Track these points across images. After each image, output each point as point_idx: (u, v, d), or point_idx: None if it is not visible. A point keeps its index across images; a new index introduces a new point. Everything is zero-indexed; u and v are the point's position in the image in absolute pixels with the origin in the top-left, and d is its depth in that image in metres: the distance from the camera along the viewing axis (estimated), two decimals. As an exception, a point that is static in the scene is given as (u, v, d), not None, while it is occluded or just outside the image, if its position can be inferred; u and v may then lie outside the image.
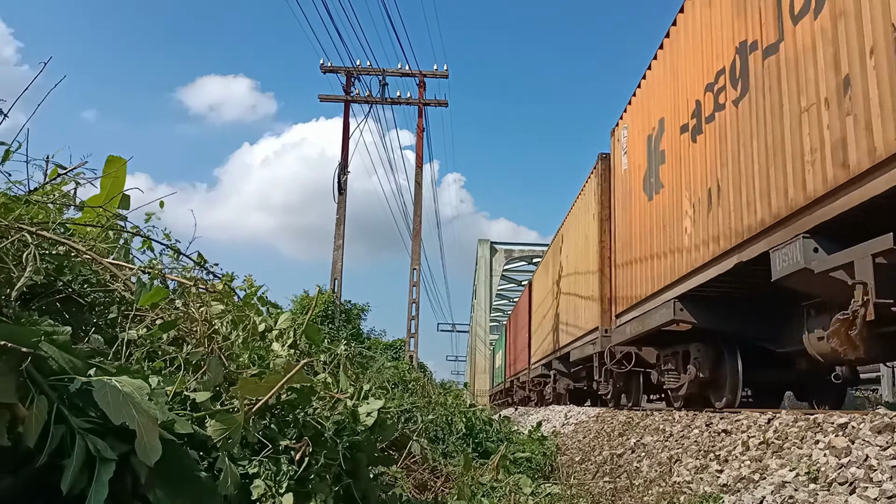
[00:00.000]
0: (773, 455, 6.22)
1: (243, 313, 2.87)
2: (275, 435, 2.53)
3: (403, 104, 27.47)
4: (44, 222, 2.56)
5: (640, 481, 7.74)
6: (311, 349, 3.26)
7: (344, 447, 2.69)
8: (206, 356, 2.48)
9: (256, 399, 2.44)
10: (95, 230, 2.95)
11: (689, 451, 7.89)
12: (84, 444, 1.96)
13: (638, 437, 9.98)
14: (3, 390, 1.86)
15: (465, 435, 8.26)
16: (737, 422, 7.70)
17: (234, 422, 2.32)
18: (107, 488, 1.89)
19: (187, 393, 2.34)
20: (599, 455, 10.32)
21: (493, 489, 6.15)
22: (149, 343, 2.45)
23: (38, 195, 2.77)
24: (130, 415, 1.96)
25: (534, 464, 8.55)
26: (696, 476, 6.85)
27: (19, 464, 1.97)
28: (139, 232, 2.87)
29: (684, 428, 8.93)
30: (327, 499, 2.53)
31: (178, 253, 2.92)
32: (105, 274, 2.61)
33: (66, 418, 2.00)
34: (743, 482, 6.04)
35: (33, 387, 1.98)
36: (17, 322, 2.06)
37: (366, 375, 3.58)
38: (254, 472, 2.42)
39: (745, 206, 7.94)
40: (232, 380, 2.57)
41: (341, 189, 25.29)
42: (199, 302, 2.66)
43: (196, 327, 2.55)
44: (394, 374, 7.82)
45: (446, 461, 6.75)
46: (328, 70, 26.59)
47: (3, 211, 2.31)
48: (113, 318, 2.54)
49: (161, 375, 2.35)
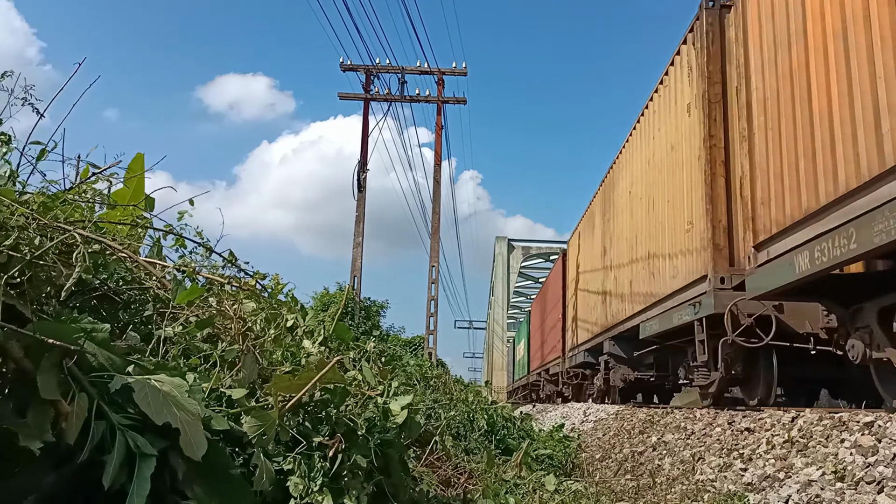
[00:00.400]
0: (799, 454, 6.18)
1: (276, 310, 2.90)
2: (308, 432, 2.55)
3: (422, 102, 27.48)
4: (80, 221, 2.59)
5: (663, 479, 7.73)
6: (341, 346, 3.28)
7: (375, 444, 2.71)
8: (240, 353, 2.51)
9: (290, 396, 2.46)
10: (126, 228, 2.98)
11: (711, 450, 7.86)
12: (124, 440, 1.99)
13: (659, 435, 9.95)
14: (47, 387, 1.89)
15: (486, 432, 8.29)
16: (760, 420, 7.66)
17: (269, 418, 2.34)
18: (149, 483, 1.92)
19: (223, 390, 2.36)
20: (620, 453, 10.31)
21: (516, 486, 6.16)
22: (184, 340, 2.47)
23: (72, 194, 2.80)
24: (172, 413, 1.98)
25: (555, 461, 8.56)
26: (720, 474, 6.83)
27: (62, 460, 2.00)
28: (172, 230, 2.90)
29: (706, 426, 8.89)
30: (360, 495, 2.55)
31: (210, 251, 2.95)
32: (139, 272, 2.64)
33: (107, 414, 2.02)
34: (768, 481, 6.01)
35: (74, 383, 2.01)
36: (58, 320, 2.09)
37: (393, 373, 3.60)
38: (288, 468, 2.44)
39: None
40: (265, 377, 2.60)
41: (360, 187, 25.33)
42: (232, 299, 2.69)
43: (230, 325, 2.58)
44: (416, 371, 7.84)
45: (468, 458, 6.77)
46: (348, 68, 26.64)
47: (41, 210, 2.33)
48: (148, 316, 2.57)
49: (197, 372, 2.38)
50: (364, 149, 26.08)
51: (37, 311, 2.12)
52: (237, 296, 2.78)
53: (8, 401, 1.93)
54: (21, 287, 2.14)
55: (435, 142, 27.18)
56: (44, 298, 2.23)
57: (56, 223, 2.30)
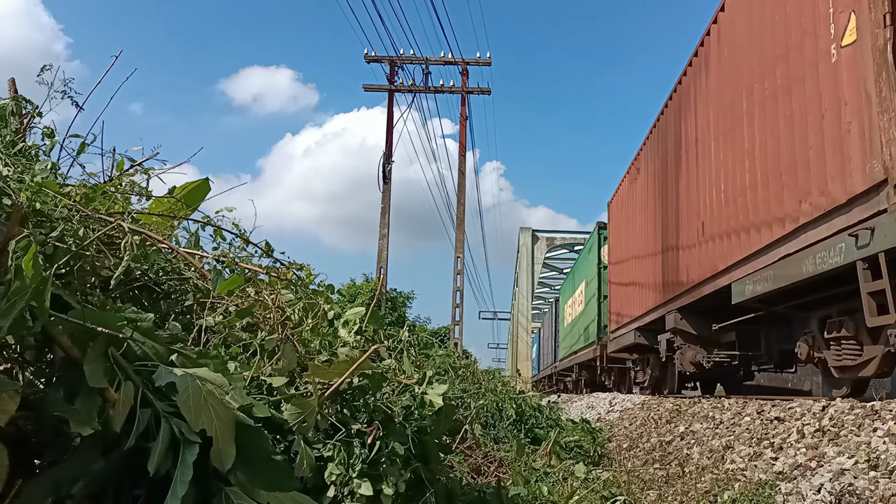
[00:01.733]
0: (830, 443, 6.12)
1: (313, 300, 2.93)
2: (346, 419, 2.58)
3: (446, 92, 27.42)
4: (119, 213, 2.63)
5: (692, 468, 7.70)
6: (376, 335, 3.31)
7: (412, 431, 2.73)
8: (280, 342, 2.54)
9: (328, 384, 2.49)
10: (165, 220, 3.02)
11: (741, 439, 7.80)
12: (169, 427, 2.02)
13: (687, 424, 9.91)
14: (94, 375, 1.93)
15: (515, 421, 8.30)
16: (790, 409, 7.60)
17: (308, 406, 2.37)
18: (192, 470, 1.95)
19: (263, 378, 2.39)
20: (647, 442, 10.28)
21: (546, 474, 6.17)
22: (224, 329, 2.50)
23: (111, 185, 2.84)
24: (209, 419, 2.01)
25: (583, 450, 8.55)
26: (750, 463, 6.79)
27: (109, 447, 2.04)
28: (210, 221, 2.93)
29: (735, 415, 8.83)
30: (398, 482, 2.58)
31: (247, 242, 2.98)
32: (179, 262, 2.68)
33: (152, 402, 2.06)
34: (799, 469, 5.97)
35: (119, 372, 2.05)
36: (103, 309, 2.13)
37: (427, 362, 3.62)
38: (328, 455, 2.47)
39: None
40: (304, 365, 2.62)
41: (386, 178, 25.37)
42: (270, 289, 2.72)
43: (269, 314, 2.61)
44: (445, 361, 7.87)
45: (498, 446, 6.80)
46: (372, 60, 26.63)
47: (83, 201, 2.37)
48: (188, 306, 2.60)
49: (237, 361, 2.41)
50: (389, 140, 26.10)
51: (81, 300, 2.15)
52: (275, 285, 2.81)
53: (58, 388, 1.97)
54: (67, 277, 2.18)
55: (459, 132, 27.14)
56: (88, 288, 2.27)
57: (98, 214, 2.34)
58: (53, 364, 2.10)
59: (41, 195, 2.19)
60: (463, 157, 26.94)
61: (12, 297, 1.71)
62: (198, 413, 2.02)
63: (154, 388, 2.10)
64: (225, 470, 2.05)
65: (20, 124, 2.70)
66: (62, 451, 2.04)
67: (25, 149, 2.55)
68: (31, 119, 2.74)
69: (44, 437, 2.08)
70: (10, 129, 2.59)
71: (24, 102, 2.71)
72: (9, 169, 2.28)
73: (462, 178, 26.57)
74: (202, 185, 3.22)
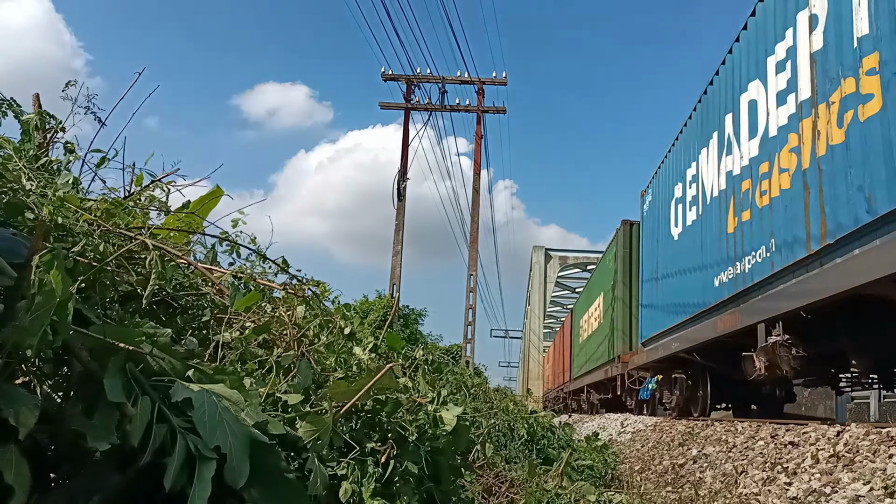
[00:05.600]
0: (845, 468, 6.07)
1: (329, 317, 2.94)
2: (361, 437, 2.58)
3: (462, 111, 27.53)
4: (137, 228, 2.65)
5: (705, 492, 7.64)
6: (389, 353, 3.31)
7: (426, 451, 2.72)
8: (296, 359, 2.54)
9: (343, 402, 2.49)
10: (182, 235, 3.04)
11: (754, 463, 7.74)
12: (185, 443, 2.02)
13: (699, 447, 9.84)
14: (113, 389, 1.94)
15: (526, 441, 8.27)
16: (804, 434, 7.53)
17: (323, 423, 2.37)
18: (210, 486, 1.94)
19: (279, 394, 2.40)
20: (660, 464, 10.21)
21: (557, 496, 6.13)
22: (241, 346, 2.51)
23: (131, 201, 2.86)
24: (224, 435, 2.01)
25: (595, 471, 8.50)
26: (764, 488, 6.73)
27: (125, 462, 2.04)
28: (227, 237, 2.95)
29: (748, 439, 8.77)
30: (411, 501, 2.57)
31: (264, 258, 2.99)
32: (196, 278, 2.69)
33: (168, 418, 2.06)
34: (814, 495, 5.91)
35: (137, 387, 2.06)
36: (122, 324, 2.14)
37: (440, 380, 3.61)
38: (342, 473, 2.46)
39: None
40: (318, 382, 2.63)
41: (400, 195, 25.43)
42: (286, 306, 2.73)
43: (285, 330, 2.62)
44: (456, 379, 7.85)
45: (509, 466, 6.76)
46: (389, 78, 26.80)
47: (104, 216, 2.39)
48: (206, 321, 2.62)
49: (253, 377, 2.42)
50: (404, 158, 26.19)
51: (100, 315, 2.17)
52: (290, 302, 2.82)
53: (76, 403, 1.98)
54: (87, 291, 2.19)
55: (475, 151, 27.19)
56: (107, 303, 2.28)
57: (119, 230, 2.36)
58: (70, 377, 2.11)
59: (63, 210, 2.21)
60: (478, 176, 27.01)
61: (36, 310, 1.72)
62: (213, 430, 2.02)
63: (169, 404, 2.10)
64: (238, 487, 2.04)
65: (43, 139, 2.73)
66: (78, 465, 2.04)
67: (48, 163, 2.58)
68: (55, 134, 2.77)
69: (59, 451, 2.09)
70: (34, 144, 2.62)
71: (48, 117, 2.74)
72: (31, 183, 2.30)
73: (476, 196, 26.63)
74: (214, 193, 3.25)
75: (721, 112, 11.45)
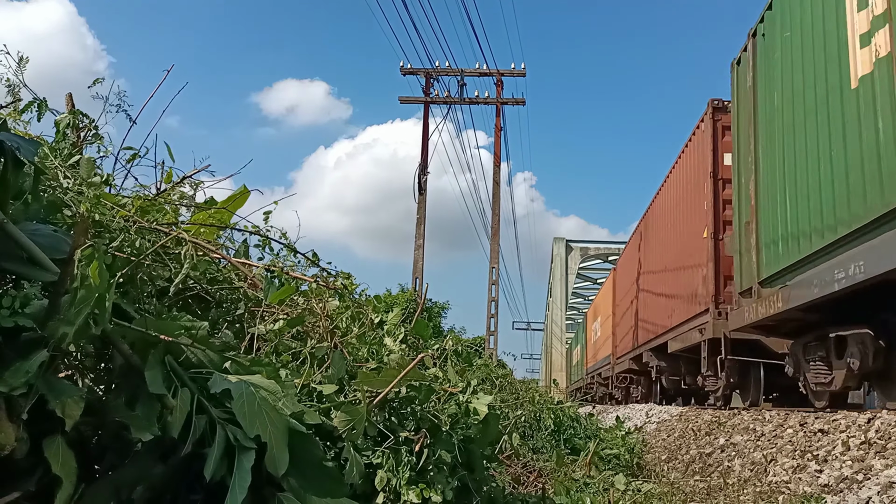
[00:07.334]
0: (877, 455, 6.01)
1: (360, 309, 2.97)
2: (394, 427, 2.60)
3: (481, 104, 27.43)
4: (170, 223, 2.69)
5: (734, 480, 7.60)
6: (419, 344, 3.33)
7: (458, 440, 2.75)
8: (329, 350, 2.57)
9: (377, 392, 2.51)
10: (211, 231, 3.08)
11: (783, 451, 7.69)
12: (224, 433, 2.06)
13: (727, 436, 9.79)
14: (154, 381, 1.97)
15: (553, 431, 8.28)
16: (834, 421, 7.47)
17: (357, 413, 2.40)
18: (250, 475, 1.97)
19: (313, 385, 2.43)
20: (687, 454, 10.17)
21: (586, 485, 6.14)
22: (275, 338, 2.54)
23: (162, 197, 2.90)
24: (264, 424, 2.04)
25: (621, 461, 8.49)
26: (794, 476, 6.69)
27: (166, 453, 2.08)
28: (258, 231, 2.99)
29: (776, 427, 8.71)
30: (445, 489, 2.59)
31: (294, 251, 3.03)
32: (230, 272, 2.73)
33: (207, 409, 2.10)
34: (845, 482, 5.87)
35: (176, 379, 2.09)
36: (160, 318, 2.17)
37: (470, 370, 3.63)
38: (377, 462, 2.49)
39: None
40: (352, 373, 2.66)
41: (421, 189, 25.42)
42: (318, 298, 2.76)
43: (318, 322, 2.65)
44: (482, 371, 7.88)
45: (536, 456, 6.78)
46: (408, 72, 26.75)
47: (139, 213, 2.43)
48: (240, 315, 2.65)
49: (287, 368, 2.45)
50: (424, 152, 26.16)
51: (138, 309, 2.21)
52: (322, 294, 2.85)
53: (118, 394, 2.02)
54: (124, 286, 2.23)
55: (494, 143, 27.09)
56: (144, 297, 2.32)
57: (153, 225, 2.40)
58: (111, 370, 2.16)
59: (99, 207, 2.25)
60: (498, 168, 26.92)
61: (78, 304, 1.76)
62: (252, 419, 2.05)
63: (208, 395, 2.14)
64: (279, 475, 2.08)
65: (77, 138, 2.77)
66: (122, 456, 2.08)
67: (83, 161, 2.62)
68: (88, 132, 2.82)
69: (103, 442, 2.13)
70: (68, 143, 2.67)
71: (81, 116, 2.79)
72: (68, 181, 2.35)
73: (497, 188, 26.54)
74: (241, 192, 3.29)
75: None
